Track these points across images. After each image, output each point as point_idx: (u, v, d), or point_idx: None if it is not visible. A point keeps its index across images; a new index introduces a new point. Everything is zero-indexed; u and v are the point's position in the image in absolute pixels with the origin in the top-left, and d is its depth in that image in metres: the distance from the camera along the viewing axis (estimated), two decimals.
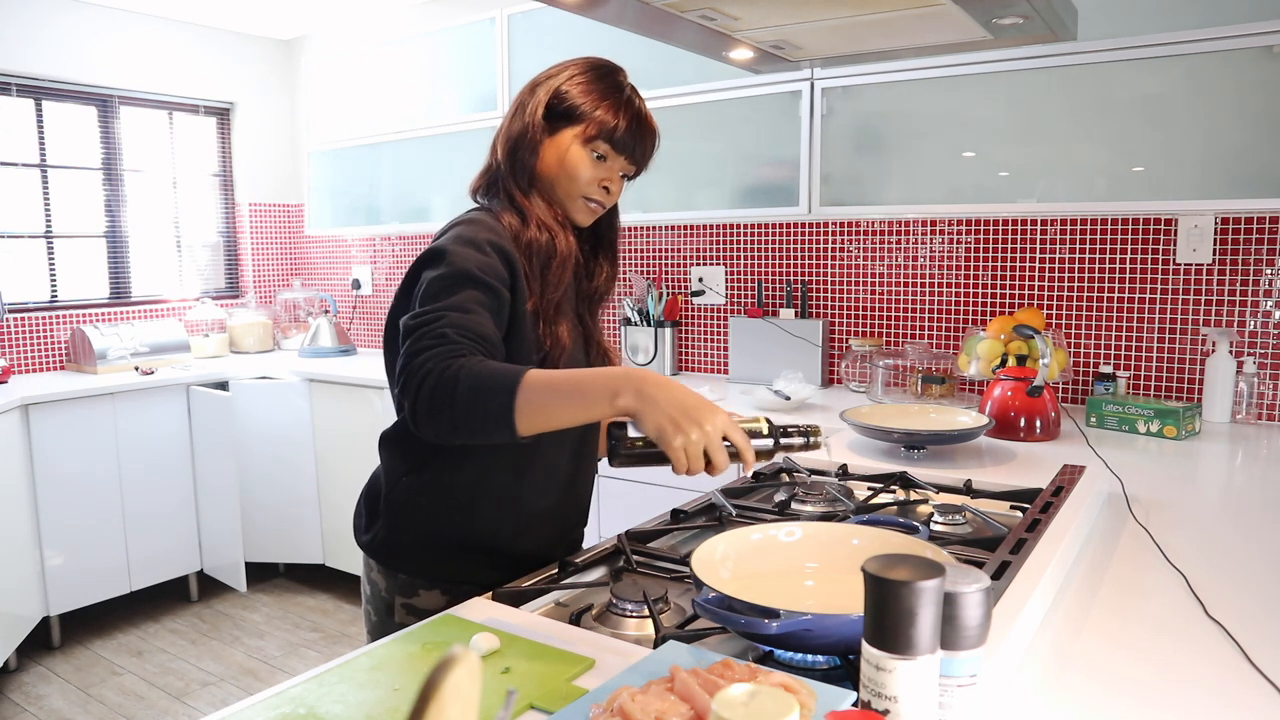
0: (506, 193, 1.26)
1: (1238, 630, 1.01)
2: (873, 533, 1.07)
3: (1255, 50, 1.95)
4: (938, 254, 2.70)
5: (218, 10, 3.90)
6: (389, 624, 1.28)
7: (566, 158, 1.24)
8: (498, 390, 0.97)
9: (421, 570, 1.26)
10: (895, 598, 0.63)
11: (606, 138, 1.23)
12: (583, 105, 1.23)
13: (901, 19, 1.47)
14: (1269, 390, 2.26)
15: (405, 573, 1.27)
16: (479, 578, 1.23)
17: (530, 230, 1.22)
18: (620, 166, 1.27)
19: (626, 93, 1.27)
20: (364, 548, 1.31)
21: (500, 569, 1.24)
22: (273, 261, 4.45)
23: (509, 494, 1.26)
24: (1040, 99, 2.21)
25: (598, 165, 1.25)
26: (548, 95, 1.25)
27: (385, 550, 1.28)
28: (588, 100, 1.24)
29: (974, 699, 0.70)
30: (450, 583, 1.25)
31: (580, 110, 1.23)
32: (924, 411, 2.00)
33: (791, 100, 2.55)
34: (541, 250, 1.22)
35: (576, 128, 1.24)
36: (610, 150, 1.24)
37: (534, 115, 1.25)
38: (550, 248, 1.22)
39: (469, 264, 1.11)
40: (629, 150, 1.26)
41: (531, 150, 1.25)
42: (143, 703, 2.80)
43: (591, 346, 1.37)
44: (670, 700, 0.74)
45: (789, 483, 1.58)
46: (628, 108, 1.25)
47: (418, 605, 1.25)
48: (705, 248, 3.14)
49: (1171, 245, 2.34)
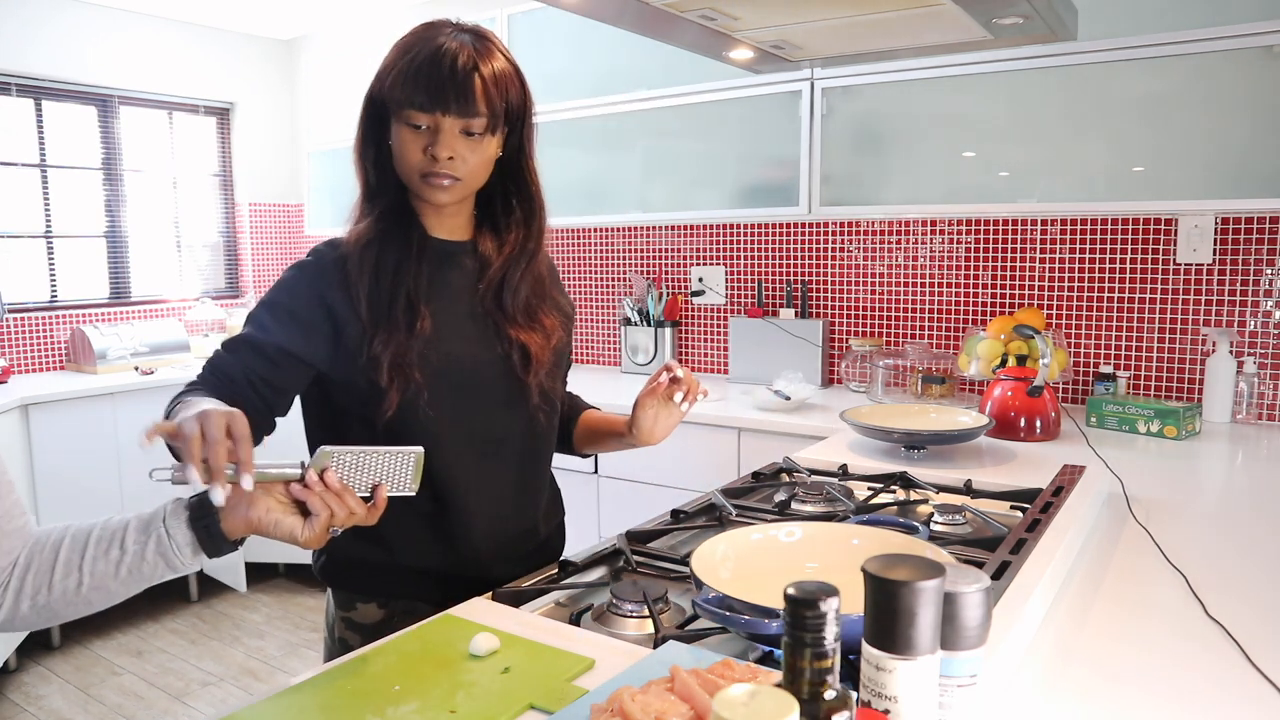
0: (364, 199, 1.21)
1: (1238, 630, 1.01)
2: (873, 533, 1.07)
3: (1255, 50, 1.95)
4: (938, 254, 2.70)
5: (218, 10, 3.90)
6: (331, 641, 1.25)
7: (395, 146, 1.15)
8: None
9: (356, 584, 1.23)
10: (895, 598, 0.63)
11: (407, 103, 1.10)
12: (384, 80, 1.13)
13: (901, 19, 1.47)
14: (1269, 390, 2.26)
15: (342, 588, 1.24)
16: (416, 594, 1.19)
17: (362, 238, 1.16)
18: (446, 125, 1.11)
19: (421, 45, 1.11)
20: (314, 569, 1.27)
21: (441, 589, 1.18)
22: (273, 261, 4.45)
23: (428, 521, 1.18)
24: (1040, 99, 2.21)
25: (418, 136, 1.12)
26: (366, 96, 1.17)
27: (324, 570, 1.24)
28: (384, 71, 1.14)
29: (974, 699, 0.70)
30: (385, 596, 1.21)
31: (383, 87, 1.13)
32: (924, 411, 2.00)
33: (791, 100, 2.55)
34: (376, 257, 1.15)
35: (390, 107, 1.13)
36: (419, 114, 1.10)
37: (365, 110, 1.17)
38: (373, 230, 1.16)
39: (269, 326, 1.14)
40: (442, 103, 1.09)
41: (367, 144, 1.18)
42: (143, 703, 2.80)
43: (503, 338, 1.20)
44: (670, 700, 0.74)
45: (789, 483, 1.58)
46: (421, 61, 1.10)
47: (355, 619, 1.22)
48: (705, 248, 3.14)
49: (1171, 245, 2.34)
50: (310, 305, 1.13)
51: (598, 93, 2.93)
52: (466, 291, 1.21)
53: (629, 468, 2.59)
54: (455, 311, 1.19)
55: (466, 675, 0.88)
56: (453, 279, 1.20)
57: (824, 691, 0.56)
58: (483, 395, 1.19)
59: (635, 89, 2.85)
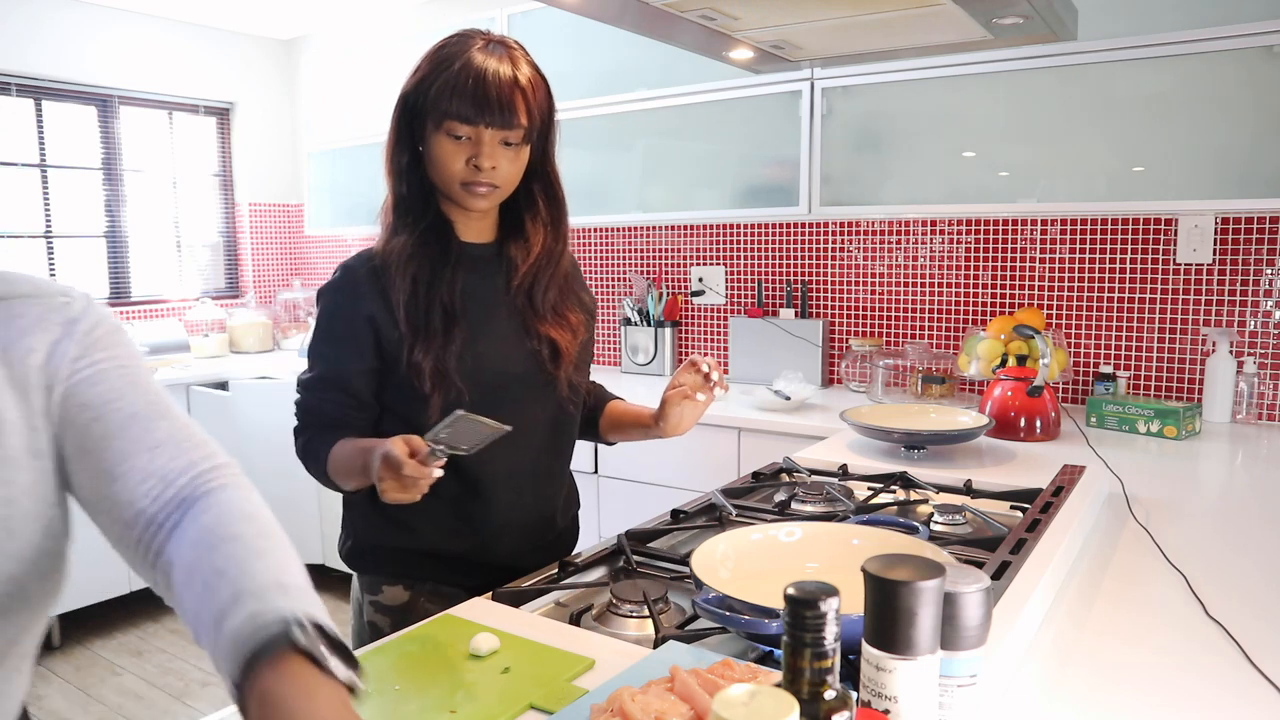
0: (397, 207, 1.23)
1: (1238, 630, 1.01)
2: (873, 533, 1.07)
3: (1255, 50, 1.95)
4: (938, 254, 2.70)
5: (218, 10, 3.90)
6: (360, 625, 1.29)
7: (431, 150, 1.18)
8: (318, 468, 1.20)
9: (381, 568, 1.27)
10: (895, 598, 0.63)
11: (450, 114, 1.14)
12: (425, 90, 1.16)
13: (901, 19, 1.47)
14: (1269, 390, 2.26)
15: (367, 572, 1.28)
16: (440, 577, 1.25)
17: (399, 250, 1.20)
18: (487, 136, 1.16)
19: (463, 57, 1.15)
20: (340, 555, 1.32)
21: (462, 572, 1.24)
22: (272, 261, 4.45)
23: (454, 505, 1.23)
24: (1040, 99, 2.21)
25: (460, 147, 1.16)
26: (400, 103, 1.20)
27: (350, 555, 1.30)
28: (426, 82, 1.17)
29: (974, 699, 0.70)
30: (411, 579, 1.26)
31: (424, 96, 1.17)
32: (924, 411, 2.00)
33: (791, 100, 2.55)
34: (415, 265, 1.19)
35: (429, 118, 1.17)
36: (462, 125, 1.15)
37: (399, 118, 1.20)
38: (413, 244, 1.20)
39: (323, 343, 1.24)
40: (484, 117, 1.14)
41: (403, 150, 1.21)
42: (143, 703, 2.80)
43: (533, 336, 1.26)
44: (670, 700, 0.74)
45: (789, 483, 1.58)
46: (462, 74, 1.14)
47: (383, 601, 1.26)
48: (705, 248, 3.14)
49: (1171, 245, 2.34)
50: (353, 321, 1.20)
51: (598, 93, 2.93)
52: (498, 292, 1.25)
53: (629, 468, 2.59)
54: (488, 313, 1.23)
55: (466, 675, 0.88)
56: (484, 281, 1.25)
57: (824, 691, 0.56)
58: (513, 390, 1.24)
59: (635, 89, 2.84)
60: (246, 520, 0.71)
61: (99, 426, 0.73)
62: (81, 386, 0.74)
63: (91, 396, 0.74)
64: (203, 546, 0.68)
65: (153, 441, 0.74)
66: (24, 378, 0.73)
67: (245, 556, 0.67)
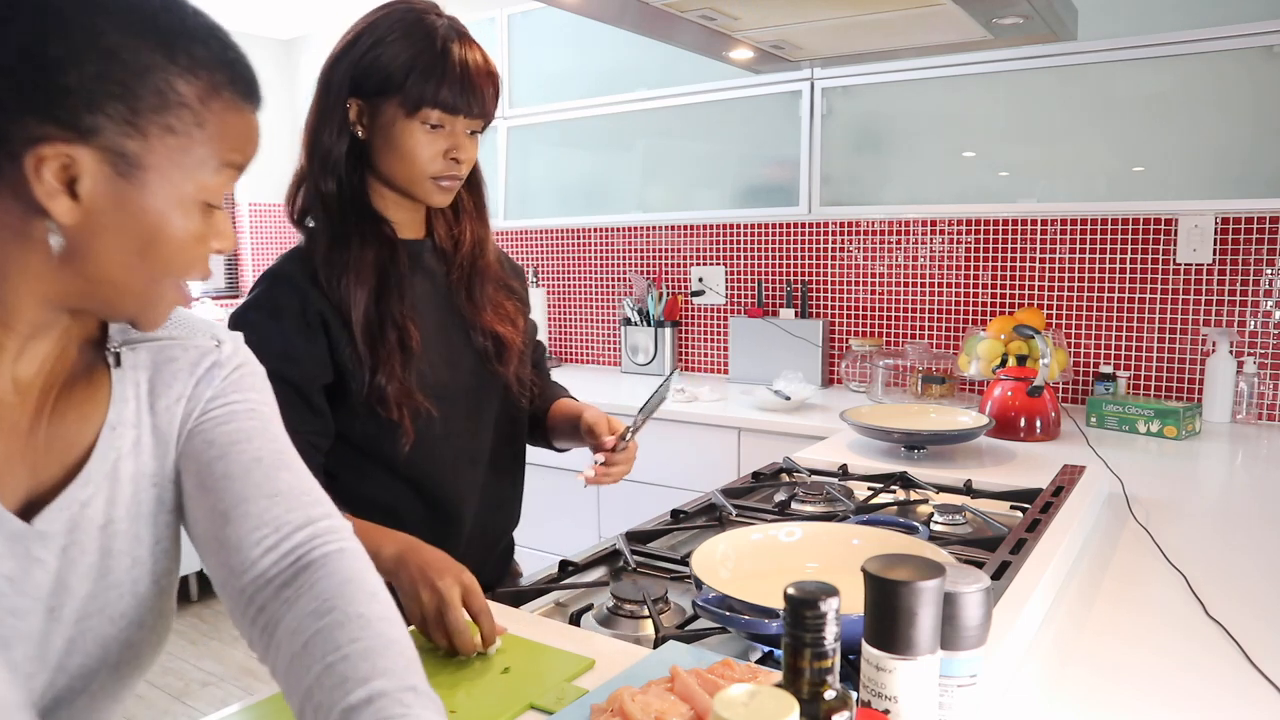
0: (327, 205, 1.08)
1: (1238, 630, 1.01)
2: (873, 533, 1.07)
3: (1255, 50, 1.95)
4: (938, 254, 2.70)
5: (218, 10, 3.88)
6: None
7: (395, 138, 1.05)
8: None
9: None
10: (895, 598, 0.63)
11: (432, 102, 1.04)
12: (395, 68, 1.04)
13: (901, 19, 1.47)
14: (1269, 390, 2.26)
15: None
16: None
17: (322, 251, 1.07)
18: (464, 126, 1.08)
19: (440, 40, 1.05)
20: None
21: None
22: (272, 261, 4.44)
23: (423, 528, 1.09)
24: (1040, 99, 2.21)
25: (435, 137, 1.06)
26: (351, 65, 1.06)
27: None
28: (398, 59, 1.04)
29: (974, 699, 0.70)
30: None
31: (394, 75, 1.04)
32: (924, 411, 2.00)
33: (791, 100, 2.55)
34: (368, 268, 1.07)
35: (394, 98, 1.04)
36: (444, 115, 1.05)
37: (339, 97, 1.07)
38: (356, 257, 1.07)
39: (264, 362, 0.91)
40: (466, 107, 1.06)
41: (339, 136, 1.07)
42: (143, 702, 2.80)
43: (476, 333, 1.16)
44: (670, 700, 0.74)
45: (789, 483, 1.58)
46: (447, 58, 1.04)
47: None
48: (705, 248, 3.14)
49: (1171, 245, 2.34)
50: (307, 330, 1.06)
51: (598, 93, 2.92)
52: (437, 292, 1.17)
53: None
54: (430, 316, 1.14)
55: (466, 675, 0.88)
56: (421, 281, 1.15)
57: (824, 691, 0.56)
58: (463, 397, 1.17)
59: (635, 89, 2.84)
60: (371, 600, 0.67)
61: (221, 465, 0.72)
62: (210, 424, 0.73)
63: (218, 435, 0.73)
64: (325, 619, 0.65)
65: (272, 489, 0.72)
66: (166, 428, 0.73)
67: (375, 647, 0.63)
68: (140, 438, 0.71)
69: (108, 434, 0.69)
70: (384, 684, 0.59)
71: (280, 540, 0.70)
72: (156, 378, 0.73)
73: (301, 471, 0.75)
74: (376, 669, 0.61)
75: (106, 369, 0.71)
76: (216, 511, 0.71)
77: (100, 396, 0.70)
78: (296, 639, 0.64)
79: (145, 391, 0.72)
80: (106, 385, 0.71)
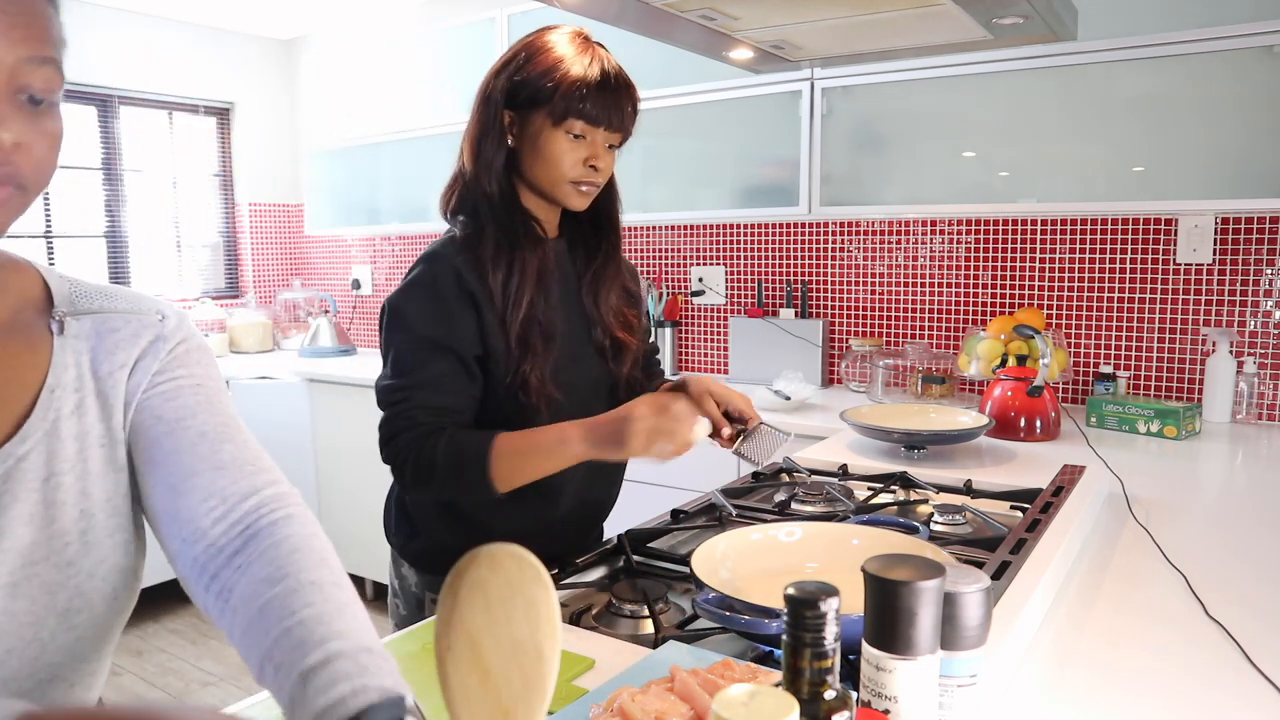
0: (477, 204, 1.20)
1: (1238, 630, 1.01)
2: (873, 533, 1.07)
3: (1255, 50, 1.95)
4: (938, 254, 2.70)
5: (218, 10, 3.90)
6: (418, 618, 1.30)
7: (541, 145, 1.17)
8: (469, 466, 1.11)
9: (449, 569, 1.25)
10: (895, 598, 0.63)
11: (578, 114, 1.16)
12: (545, 83, 1.15)
13: (901, 19, 1.47)
14: (1269, 390, 2.26)
15: (433, 573, 1.29)
16: None
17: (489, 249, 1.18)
18: (603, 139, 1.20)
19: (589, 58, 1.17)
20: (394, 547, 1.33)
21: None
22: (273, 261, 4.45)
23: (522, 502, 1.20)
24: (1040, 99, 2.21)
25: (577, 145, 1.17)
26: (508, 81, 1.18)
27: (413, 554, 1.31)
28: (549, 76, 1.15)
29: (974, 699, 0.70)
30: None
31: (544, 90, 1.15)
32: (924, 411, 2.00)
33: (791, 100, 2.55)
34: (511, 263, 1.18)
35: (543, 110, 1.16)
36: (587, 126, 1.17)
37: (498, 106, 1.19)
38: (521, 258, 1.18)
39: (429, 330, 1.15)
40: (606, 120, 1.18)
41: (500, 146, 1.19)
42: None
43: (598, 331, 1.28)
44: (670, 700, 0.74)
45: (789, 483, 1.58)
46: (592, 74, 1.16)
47: None
48: (705, 248, 3.14)
49: (1171, 245, 2.34)
50: (460, 305, 1.16)
51: None
52: (567, 290, 1.27)
53: (629, 467, 2.58)
54: (561, 311, 1.25)
55: None
56: (557, 280, 1.26)
57: (824, 691, 0.56)
58: (584, 392, 1.27)
59: None
60: (320, 565, 0.69)
61: (170, 441, 0.75)
62: (157, 400, 0.76)
63: (166, 411, 0.76)
64: (278, 586, 0.66)
65: (218, 461, 0.74)
66: (110, 392, 0.75)
67: (328, 611, 0.64)
68: (84, 400, 0.74)
69: (46, 396, 0.72)
70: (340, 645, 0.61)
71: (228, 510, 0.72)
72: (99, 346, 0.75)
73: (246, 443, 0.78)
74: (332, 631, 0.62)
75: (49, 335, 0.74)
76: (166, 485, 0.73)
77: (39, 361, 0.73)
78: (252, 605, 0.66)
79: (87, 360, 0.75)
80: (47, 351, 0.73)
